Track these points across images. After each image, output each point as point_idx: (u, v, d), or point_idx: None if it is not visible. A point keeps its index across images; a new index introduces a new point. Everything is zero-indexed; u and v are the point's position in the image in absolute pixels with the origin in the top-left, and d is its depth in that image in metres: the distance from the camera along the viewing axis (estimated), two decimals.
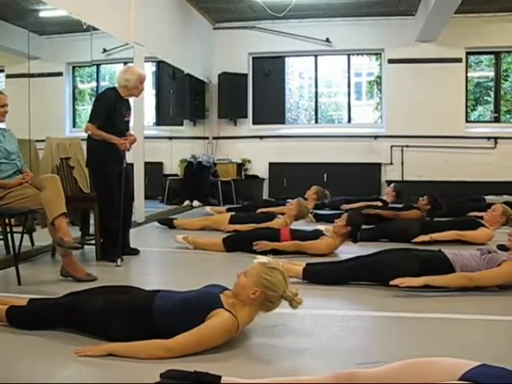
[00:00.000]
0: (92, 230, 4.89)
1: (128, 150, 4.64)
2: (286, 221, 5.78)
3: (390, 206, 7.24)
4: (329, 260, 4.21)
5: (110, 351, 2.34)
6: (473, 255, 3.60)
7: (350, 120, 10.70)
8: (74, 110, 9.41)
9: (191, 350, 2.34)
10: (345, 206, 7.49)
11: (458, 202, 7.59)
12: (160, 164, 10.20)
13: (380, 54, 10.37)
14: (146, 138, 7.13)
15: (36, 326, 2.65)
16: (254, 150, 10.37)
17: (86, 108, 9.25)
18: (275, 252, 4.15)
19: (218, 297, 2.50)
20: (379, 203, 7.47)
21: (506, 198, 8.05)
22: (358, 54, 10.72)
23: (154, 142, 8.82)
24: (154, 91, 10.75)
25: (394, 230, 5.49)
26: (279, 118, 10.74)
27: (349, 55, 10.50)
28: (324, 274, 3.75)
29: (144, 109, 7.24)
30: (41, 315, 2.66)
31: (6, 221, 3.89)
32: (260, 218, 6.02)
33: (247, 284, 2.47)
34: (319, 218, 6.82)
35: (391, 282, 3.37)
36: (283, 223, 5.69)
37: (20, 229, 4.17)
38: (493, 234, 5.16)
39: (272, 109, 10.69)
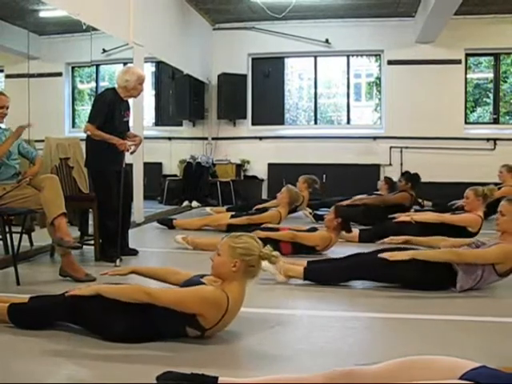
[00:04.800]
0: (91, 230, 4.90)
1: (129, 150, 4.64)
2: (279, 211, 5.90)
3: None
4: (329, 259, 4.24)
5: (97, 291, 2.49)
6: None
7: (349, 121, 10.70)
8: (74, 111, 9.41)
9: (171, 302, 2.44)
10: (340, 204, 7.51)
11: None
12: (159, 164, 10.20)
13: (379, 55, 10.37)
14: (146, 138, 7.12)
15: (37, 322, 2.67)
16: (253, 150, 10.36)
17: (85, 108, 9.26)
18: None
19: (200, 282, 2.59)
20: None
21: None
22: (357, 55, 10.71)
23: (153, 143, 8.82)
24: (153, 92, 10.75)
25: (392, 230, 5.49)
26: (278, 118, 10.73)
27: (348, 56, 10.49)
28: (325, 273, 3.77)
29: (143, 109, 7.24)
30: (42, 312, 2.68)
31: (6, 219, 3.89)
32: (257, 214, 6.13)
33: (224, 260, 2.52)
34: (318, 218, 6.85)
35: (380, 255, 3.49)
36: (276, 214, 5.83)
37: (19, 229, 4.17)
38: (477, 216, 5.15)
39: (271, 110, 10.68)
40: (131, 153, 4.75)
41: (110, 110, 4.56)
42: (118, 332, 2.48)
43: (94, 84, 9.73)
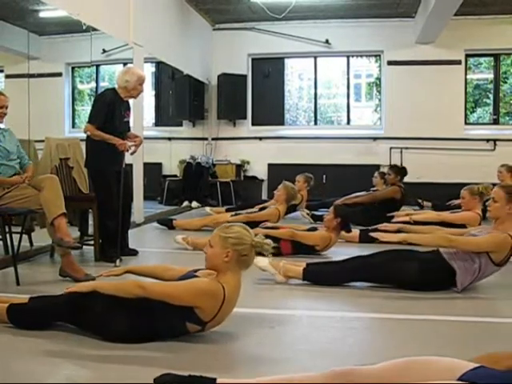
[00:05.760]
0: (91, 230, 4.90)
1: (128, 151, 4.65)
2: (277, 209, 5.94)
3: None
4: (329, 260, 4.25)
5: (93, 287, 2.52)
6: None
7: (349, 121, 10.71)
8: (74, 111, 9.39)
9: (166, 295, 2.45)
10: (337, 202, 7.54)
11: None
12: (159, 165, 10.20)
13: (379, 55, 10.38)
14: (146, 138, 7.12)
15: (37, 323, 2.67)
16: (253, 151, 10.37)
17: (85, 108, 9.25)
18: (275, 253, 4.16)
19: (195, 276, 2.61)
20: None
21: None
22: (357, 56, 10.72)
23: (153, 143, 8.82)
24: (153, 92, 10.75)
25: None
26: (278, 119, 10.74)
27: (348, 57, 10.50)
28: (324, 274, 3.77)
29: (143, 109, 7.24)
30: (42, 312, 2.68)
31: (6, 219, 3.89)
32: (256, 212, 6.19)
33: (217, 251, 2.53)
34: (317, 218, 6.85)
35: (371, 234, 3.63)
36: (274, 212, 5.89)
37: (19, 229, 4.17)
38: (476, 214, 5.17)
39: (271, 110, 10.69)
40: (131, 153, 4.76)
41: (110, 110, 4.56)
42: (118, 331, 2.48)
43: (94, 84, 9.71)
